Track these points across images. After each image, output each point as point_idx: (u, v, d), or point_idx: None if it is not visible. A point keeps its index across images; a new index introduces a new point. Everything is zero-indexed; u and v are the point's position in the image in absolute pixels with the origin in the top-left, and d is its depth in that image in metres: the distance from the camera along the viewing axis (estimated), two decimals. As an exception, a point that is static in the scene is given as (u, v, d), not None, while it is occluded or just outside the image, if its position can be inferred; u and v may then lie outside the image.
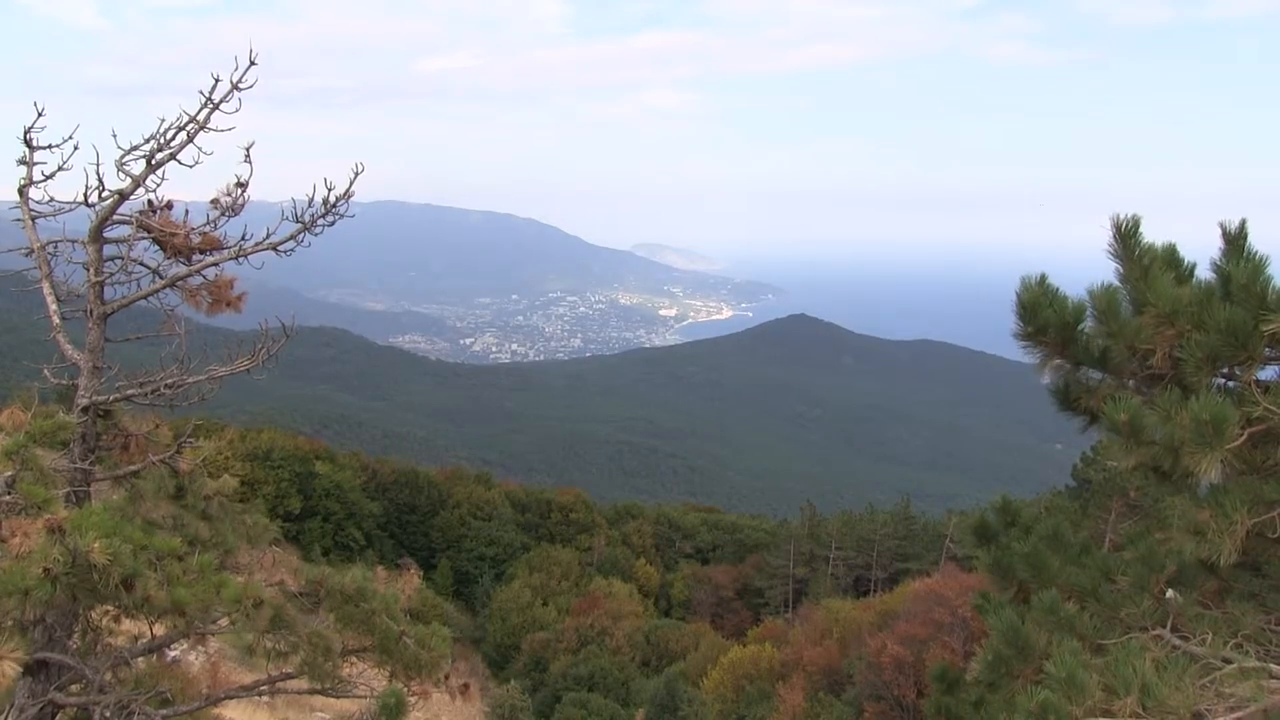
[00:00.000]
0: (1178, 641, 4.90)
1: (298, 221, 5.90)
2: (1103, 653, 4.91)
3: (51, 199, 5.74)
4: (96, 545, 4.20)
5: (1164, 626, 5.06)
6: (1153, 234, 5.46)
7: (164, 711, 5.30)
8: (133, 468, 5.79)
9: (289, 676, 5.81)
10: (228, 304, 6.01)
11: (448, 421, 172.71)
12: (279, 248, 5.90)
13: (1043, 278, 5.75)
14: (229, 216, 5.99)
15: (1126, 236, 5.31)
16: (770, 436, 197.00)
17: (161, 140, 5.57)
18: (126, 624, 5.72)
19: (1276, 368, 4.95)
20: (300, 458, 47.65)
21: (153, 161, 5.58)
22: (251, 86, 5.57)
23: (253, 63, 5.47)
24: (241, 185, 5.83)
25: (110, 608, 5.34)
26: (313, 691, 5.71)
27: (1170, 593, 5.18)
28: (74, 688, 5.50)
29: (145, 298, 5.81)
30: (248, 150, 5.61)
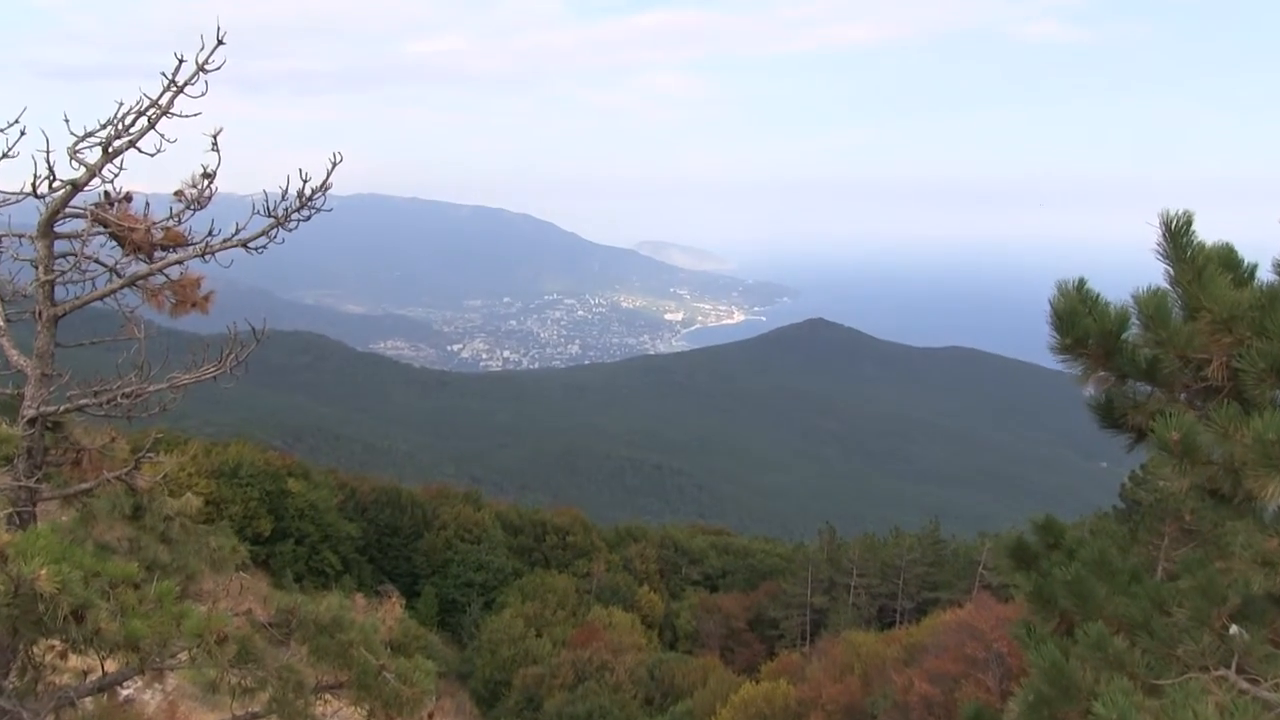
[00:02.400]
0: (1245, 684, 4.83)
1: (270, 216, 5.87)
2: (1158, 694, 4.84)
3: (-5, 189, 5.72)
4: (43, 572, 4.15)
5: (1228, 667, 4.98)
6: (1204, 229, 5.39)
7: (118, 755, 5.25)
8: (85, 486, 5.76)
9: (256, 716, 5.76)
10: (193, 305, 5.98)
11: (434, 435, 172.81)
12: (249, 244, 5.88)
13: (1080, 283, 5.67)
14: (194, 210, 5.96)
15: (1177, 235, 5.24)
16: (785, 452, 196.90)
17: (119, 126, 5.55)
18: (74, 660, 5.67)
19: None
20: (271, 474, 47.61)
21: (110, 149, 5.56)
22: (219, 68, 5.55)
23: (220, 42, 5.45)
24: (208, 176, 5.81)
25: (56, 642, 5.30)
26: (282, 732, 5.66)
27: (1234, 629, 5.10)
28: (14, 731, 5.45)
29: (101, 298, 5.79)
30: (215, 138, 5.59)
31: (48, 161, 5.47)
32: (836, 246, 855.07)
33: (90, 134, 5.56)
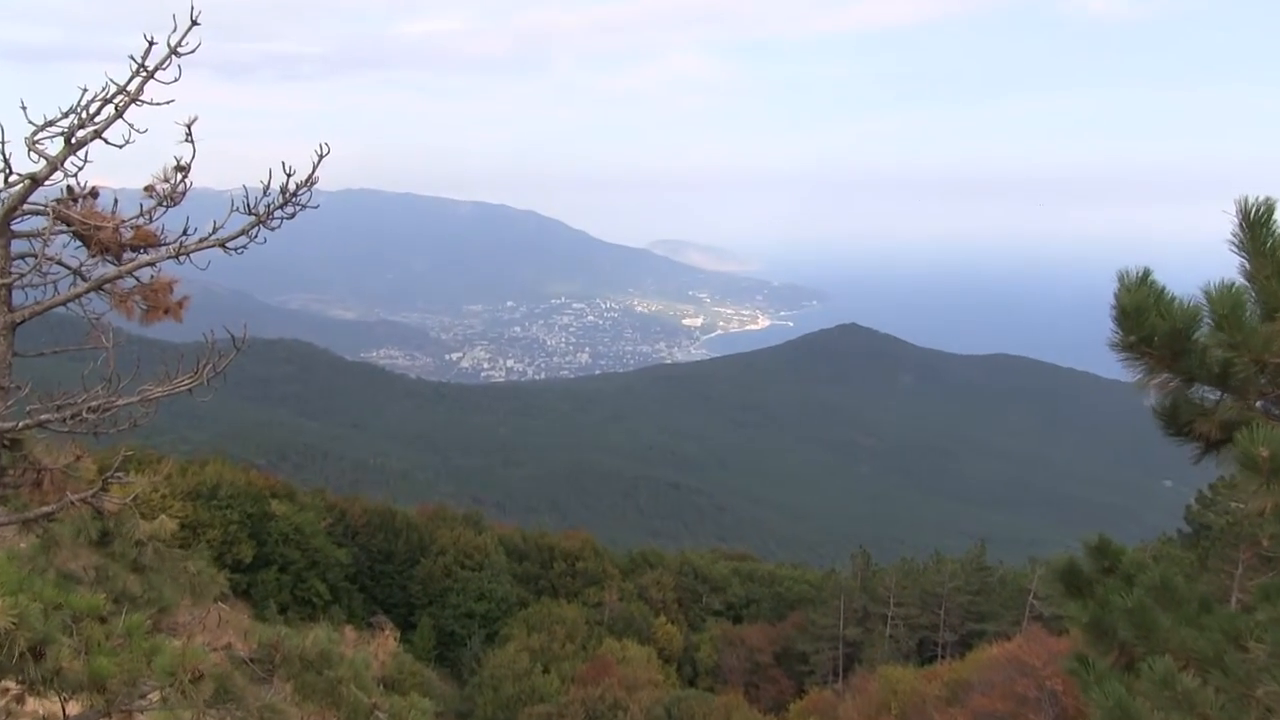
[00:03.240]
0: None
1: (251, 213, 5.86)
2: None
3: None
4: None
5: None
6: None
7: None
8: (47, 509, 5.75)
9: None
10: (166, 311, 5.97)
11: (431, 452, 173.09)
12: (228, 244, 5.87)
13: (1145, 274, 5.60)
14: (167, 207, 5.95)
15: (1256, 226, 5.17)
16: (815, 470, 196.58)
17: (83, 114, 5.54)
18: (32, 703, 5.65)
19: None
20: (253, 496, 47.77)
21: (73, 140, 5.55)
22: (193, 51, 5.55)
23: (195, 22, 5.44)
24: (182, 169, 5.80)
25: (12, 683, 5.28)
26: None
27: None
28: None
29: (64, 303, 5.78)
30: (189, 127, 5.58)
31: (2, 153, 5.45)
32: (871, 245, 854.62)
33: (51, 123, 5.55)
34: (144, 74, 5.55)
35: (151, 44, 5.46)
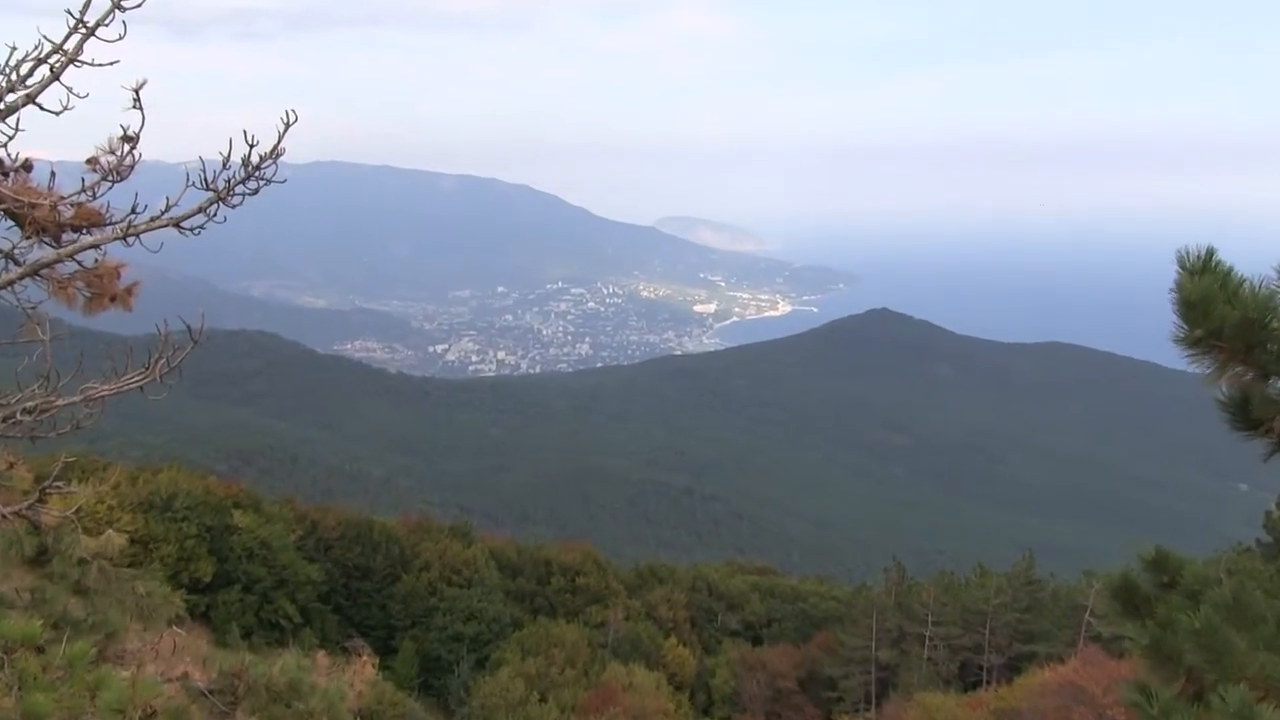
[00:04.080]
0: None
1: (208, 189, 5.83)
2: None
3: None
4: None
5: None
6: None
7: None
8: (-20, 522, 5.72)
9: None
10: (112, 299, 5.95)
11: (413, 456, 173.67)
12: (183, 224, 5.84)
13: (1208, 255, 5.54)
14: (114, 181, 5.92)
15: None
16: (843, 472, 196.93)
17: (14, 76, 5.51)
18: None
19: None
20: (213, 506, 47.83)
21: (2, 105, 5.53)
22: (140, 5, 5.51)
23: (140, -28, 5.41)
24: (130, 139, 5.76)
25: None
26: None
27: None
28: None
29: (-4, 291, 5.76)
30: (137, 92, 5.54)
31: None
32: (905, 222, 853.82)
33: (-23, 88, 5.53)
34: (83, 30, 5.52)
35: (91, -4, 5.43)
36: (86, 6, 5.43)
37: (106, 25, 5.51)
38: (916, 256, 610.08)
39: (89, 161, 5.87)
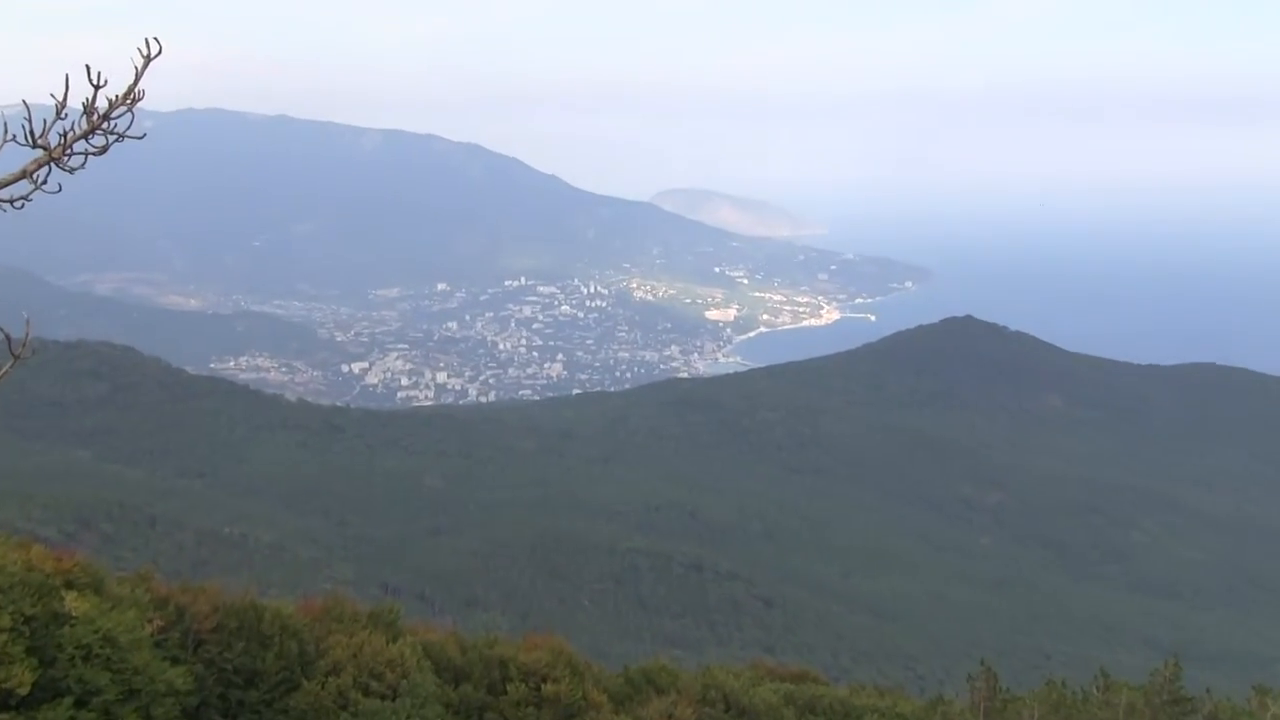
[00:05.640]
0: None
1: (36, 145, 5.76)
2: None
3: None
4: None
5: None
6: None
7: None
8: None
9: None
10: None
11: (319, 515, 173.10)
12: (-3, 194, 5.76)
13: None
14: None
15: None
16: (910, 541, 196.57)
17: None
18: None
19: None
20: (35, 588, 47.36)
21: None
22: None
23: None
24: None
25: None
26: None
27: None
28: None
29: None
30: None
31: None
32: (994, 198, 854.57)
33: None
34: None
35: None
36: None
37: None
38: (1011, 244, 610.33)
39: None
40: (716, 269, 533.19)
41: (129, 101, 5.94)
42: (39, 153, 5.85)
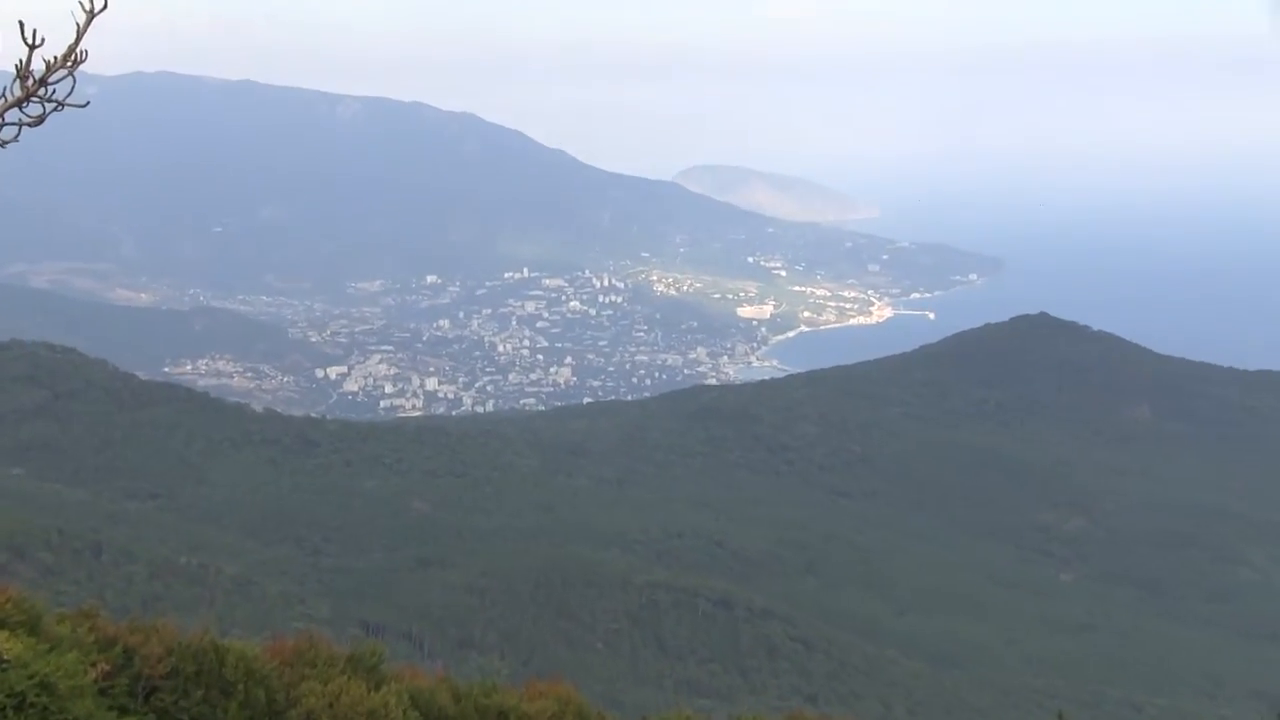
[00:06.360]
0: None
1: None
2: None
3: None
4: None
5: None
6: None
7: None
8: None
9: None
10: None
11: (291, 543, 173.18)
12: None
13: None
14: None
15: None
16: (976, 575, 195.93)
17: None
18: None
19: None
20: (-38, 626, 47.66)
21: None
22: None
23: None
24: None
25: None
26: None
27: None
28: None
29: None
30: None
31: None
32: (1083, 174, 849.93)
33: None
34: None
35: None
36: None
37: None
38: (1097, 230, 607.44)
39: None
40: (750, 259, 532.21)
41: (69, 64, 5.98)
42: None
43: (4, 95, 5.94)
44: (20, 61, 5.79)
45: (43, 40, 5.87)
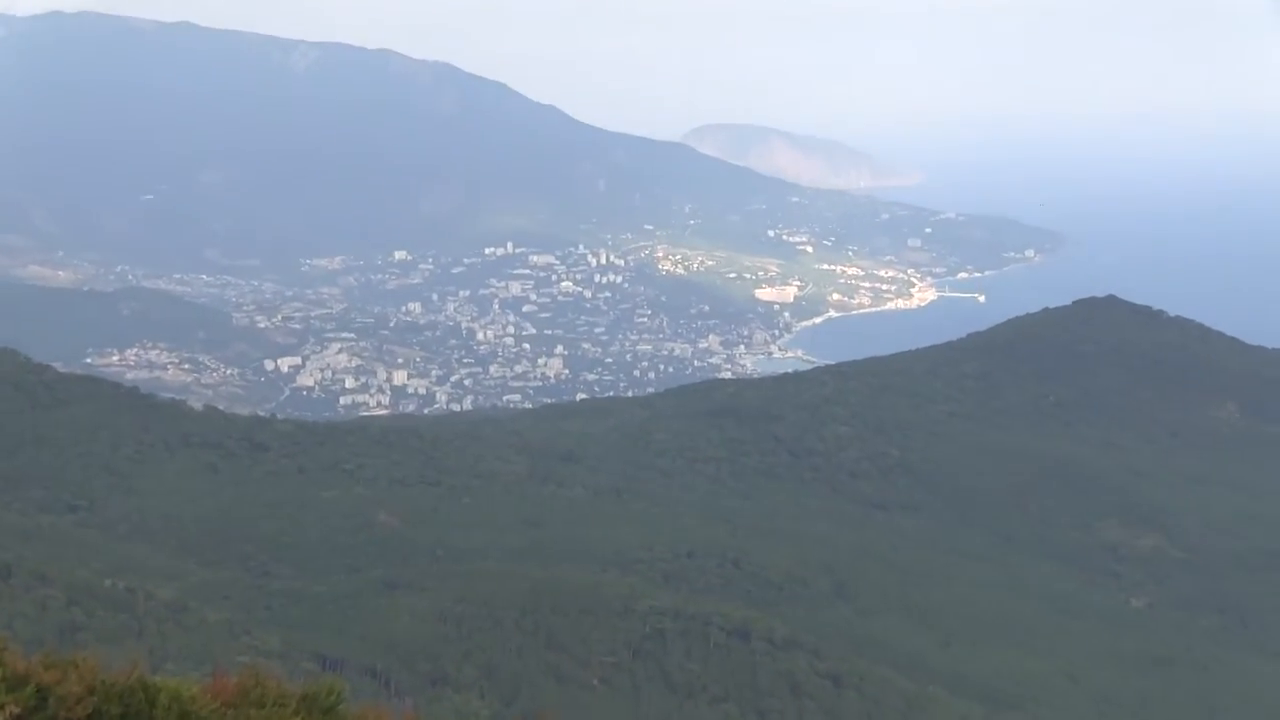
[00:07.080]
0: None
1: None
2: None
3: None
4: None
5: None
6: None
7: None
8: None
9: None
10: None
11: (234, 563, 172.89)
12: None
13: None
14: None
15: None
16: (1032, 600, 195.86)
17: None
18: None
19: None
20: None
21: None
22: None
23: None
24: None
25: None
26: None
27: None
28: None
29: None
30: None
31: None
32: (1160, 136, 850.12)
33: None
34: None
35: None
36: None
37: None
38: (1171, 202, 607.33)
39: None
40: (771, 232, 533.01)
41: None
42: None
43: None
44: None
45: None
